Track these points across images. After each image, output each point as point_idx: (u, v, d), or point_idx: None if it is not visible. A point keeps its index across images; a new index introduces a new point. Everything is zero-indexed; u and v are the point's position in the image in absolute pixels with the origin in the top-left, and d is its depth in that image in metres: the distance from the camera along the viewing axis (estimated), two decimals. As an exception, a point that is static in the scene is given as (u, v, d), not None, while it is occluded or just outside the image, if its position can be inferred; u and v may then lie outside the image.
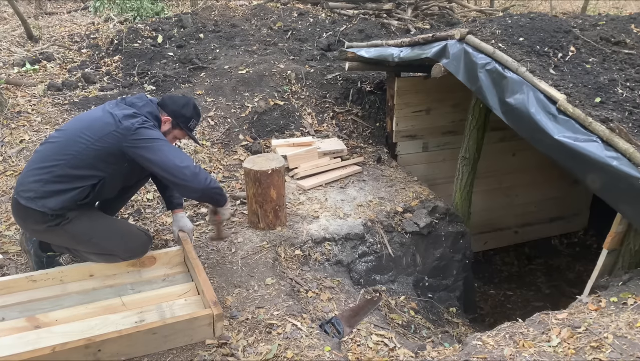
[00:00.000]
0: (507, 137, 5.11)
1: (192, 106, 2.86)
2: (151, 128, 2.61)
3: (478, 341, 2.42)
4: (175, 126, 2.82)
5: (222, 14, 6.98)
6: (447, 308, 4.00)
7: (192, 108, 2.85)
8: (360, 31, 6.54)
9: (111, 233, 2.79)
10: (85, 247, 2.76)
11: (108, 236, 2.76)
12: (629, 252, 2.79)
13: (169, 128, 2.81)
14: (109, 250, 2.79)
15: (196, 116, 2.89)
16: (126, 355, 2.33)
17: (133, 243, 2.86)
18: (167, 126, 2.80)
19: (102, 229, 2.75)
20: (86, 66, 5.60)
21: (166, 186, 3.06)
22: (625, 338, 2.12)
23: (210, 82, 5.15)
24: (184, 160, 2.59)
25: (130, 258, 2.90)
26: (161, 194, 3.19)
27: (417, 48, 3.70)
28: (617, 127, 2.39)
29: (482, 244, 5.65)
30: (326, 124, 5.00)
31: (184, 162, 2.58)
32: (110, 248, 2.79)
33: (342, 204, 3.90)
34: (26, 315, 2.55)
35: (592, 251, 5.94)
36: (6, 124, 4.31)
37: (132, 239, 2.87)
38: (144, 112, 2.66)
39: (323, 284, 3.21)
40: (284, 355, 2.44)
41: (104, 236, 2.74)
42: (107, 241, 2.76)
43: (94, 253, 2.81)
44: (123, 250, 2.83)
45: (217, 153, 4.45)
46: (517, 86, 2.85)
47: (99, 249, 2.78)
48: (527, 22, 3.53)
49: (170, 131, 2.83)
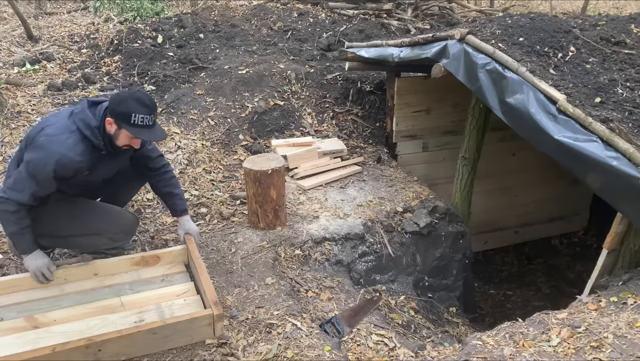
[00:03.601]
0: (507, 137, 5.11)
1: (133, 98, 2.45)
2: (52, 142, 2.42)
3: (478, 341, 2.42)
4: (119, 127, 2.49)
5: (222, 14, 6.98)
6: (447, 307, 4.00)
7: (133, 100, 2.44)
8: (360, 31, 6.54)
9: (94, 211, 2.71)
10: (69, 229, 2.66)
11: (91, 214, 2.67)
12: (629, 252, 2.79)
13: (115, 130, 2.51)
14: (94, 229, 2.71)
15: (140, 109, 2.44)
16: (126, 355, 2.33)
17: (119, 219, 2.79)
18: (114, 127, 2.50)
19: (84, 208, 2.68)
20: (86, 66, 5.59)
21: (166, 194, 3.00)
22: (625, 338, 2.12)
23: (210, 82, 5.15)
24: (15, 187, 2.45)
25: (118, 238, 2.84)
26: (163, 202, 3.13)
27: (417, 48, 3.70)
28: (617, 127, 2.39)
29: (482, 244, 5.65)
30: (326, 124, 5.00)
31: (6, 192, 2.45)
32: (95, 226, 2.71)
33: (342, 204, 3.90)
34: (24, 315, 2.54)
35: (592, 251, 5.94)
36: (6, 124, 4.31)
37: (118, 216, 2.80)
38: (77, 119, 2.50)
39: (323, 284, 3.21)
40: (284, 354, 2.44)
41: (86, 214, 2.66)
42: (90, 218, 2.67)
43: (79, 235, 2.72)
44: (109, 228, 2.75)
45: (217, 153, 4.45)
46: (517, 86, 2.85)
47: (82, 229, 2.70)
48: (527, 22, 3.53)
49: (118, 133, 2.51)
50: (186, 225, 3.05)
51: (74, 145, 2.46)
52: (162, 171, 2.96)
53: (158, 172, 2.95)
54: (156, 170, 2.94)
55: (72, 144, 2.45)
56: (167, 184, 2.97)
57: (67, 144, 2.44)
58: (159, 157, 2.96)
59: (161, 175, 2.96)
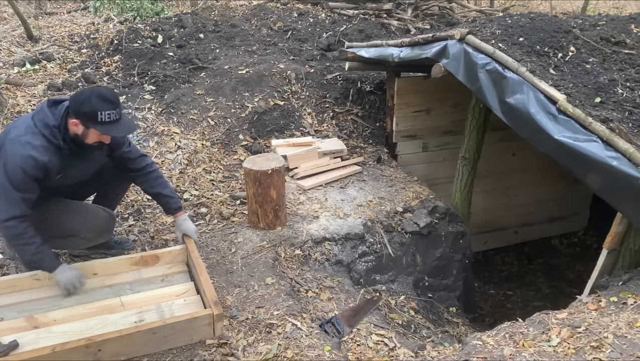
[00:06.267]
0: (507, 137, 5.11)
1: (95, 96, 2.39)
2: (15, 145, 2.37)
3: (478, 341, 2.42)
4: (87, 127, 2.43)
5: (222, 14, 6.98)
6: (447, 307, 4.01)
7: (96, 98, 2.38)
8: (360, 31, 6.54)
9: (70, 211, 2.68)
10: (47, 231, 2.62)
11: (66, 214, 2.66)
12: (629, 252, 2.79)
13: (83, 130, 2.45)
14: (69, 230, 2.69)
15: (104, 105, 2.39)
16: (126, 355, 2.33)
17: (92, 219, 2.77)
18: (80, 128, 2.44)
19: (57, 209, 2.65)
20: (86, 66, 5.59)
21: (155, 195, 2.96)
22: (625, 338, 2.12)
23: (210, 82, 5.15)
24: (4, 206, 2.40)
25: (93, 237, 2.82)
26: (155, 200, 3.06)
27: (417, 48, 3.71)
28: (617, 127, 2.39)
29: (482, 244, 5.65)
30: (326, 124, 5.01)
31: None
32: (69, 228, 2.69)
33: (342, 204, 3.90)
34: (24, 315, 2.54)
35: (592, 251, 5.94)
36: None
37: (91, 216, 2.77)
38: (36, 120, 2.44)
39: (323, 284, 3.21)
40: (284, 354, 2.44)
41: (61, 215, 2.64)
42: (64, 219, 2.66)
43: (57, 237, 2.70)
44: (81, 228, 2.74)
45: (217, 153, 4.45)
46: (517, 86, 2.85)
47: (58, 231, 2.68)
48: (527, 22, 3.53)
49: (86, 132, 2.46)
50: (183, 225, 3.00)
51: (39, 145, 2.40)
52: (145, 172, 2.89)
53: (141, 173, 2.89)
54: (139, 171, 2.88)
55: (36, 144, 2.39)
56: (153, 185, 2.92)
57: (31, 145, 2.39)
58: (141, 157, 2.89)
59: (145, 175, 2.90)
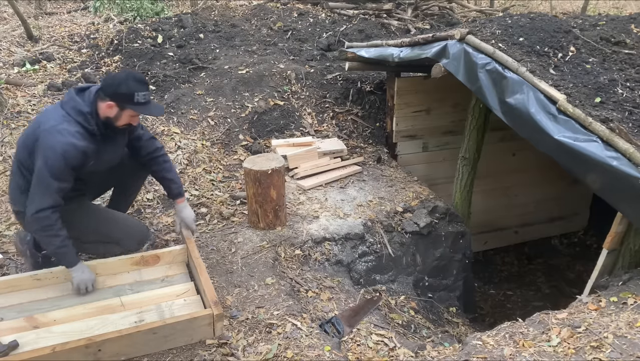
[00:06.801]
0: (507, 137, 5.11)
1: (132, 79, 2.55)
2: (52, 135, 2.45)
3: (478, 341, 2.42)
4: (122, 108, 2.56)
5: (222, 14, 6.98)
6: (447, 307, 4.00)
7: (132, 81, 2.54)
8: (360, 31, 6.54)
9: (117, 221, 2.95)
10: (93, 235, 2.86)
11: (114, 223, 2.91)
12: (629, 252, 2.79)
13: (117, 112, 2.56)
14: (114, 238, 2.92)
15: (140, 87, 2.56)
16: (126, 355, 2.33)
17: (136, 231, 3.03)
18: (115, 110, 2.56)
19: (107, 217, 2.91)
20: (86, 66, 5.59)
21: (160, 179, 3.04)
22: (625, 338, 2.12)
23: (210, 82, 5.15)
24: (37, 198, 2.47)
25: (131, 246, 3.02)
26: (159, 182, 3.14)
27: (417, 48, 3.70)
28: (617, 127, 2.39)
29: (482, 244, 5.65)
30: (326, 124, 5.00)
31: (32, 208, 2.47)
32: (116, 236, 2.92)
33: (342, 204, 3.90)
34: (24, 315, 2.55)
35: (592, 251, 5.94)
36: (6, 124, 4.30)
37: (135, 228, 3.05)
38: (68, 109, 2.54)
39: (323, 284, 3.21)
40: (284, 354, 2.44)
41: (110, 223, 2.88)
42: (113, 227, 2.90)
43: (100, 242, 2.91)
44: (126, 238, 2.97)
45: (217, 153, 4.45)
46: (517, 86, 2.85)
47: (104, 237, 2.90)
48: (527, 22, 3.53)
49: (120, 114, 2.58)
50: (183, 212, 3.06)
51: (75, 132, 2.49)
52: (155, 155, 2.97)
53: (152, 157, 2.96)
54: (149, 154, 2.95)
55: (72, 132, 2.48)
56: (160, 168, 3.00)
57: (70, 132, 2.47)
58: (151, 139, 2.98)
59: (155, 159, 2.97)
